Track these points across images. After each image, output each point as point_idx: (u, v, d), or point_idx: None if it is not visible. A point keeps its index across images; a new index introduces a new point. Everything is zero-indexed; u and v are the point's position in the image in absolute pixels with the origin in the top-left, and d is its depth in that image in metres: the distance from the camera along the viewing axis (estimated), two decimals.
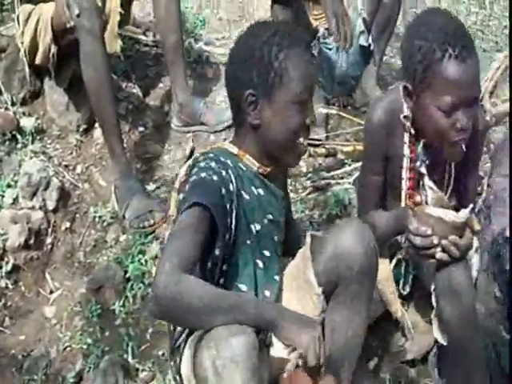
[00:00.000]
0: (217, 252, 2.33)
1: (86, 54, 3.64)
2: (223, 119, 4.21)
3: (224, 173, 2.35)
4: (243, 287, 2.45)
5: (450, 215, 2.55)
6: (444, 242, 2.52)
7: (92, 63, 3.65)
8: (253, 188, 2.49)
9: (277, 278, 2.60)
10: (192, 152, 4.11)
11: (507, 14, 5.47)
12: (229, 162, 2.41)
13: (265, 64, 2.36)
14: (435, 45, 2.55)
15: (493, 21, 5.84)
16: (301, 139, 2.45)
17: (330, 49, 4.33)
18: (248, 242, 2.45)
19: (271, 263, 2.56)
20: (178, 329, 2.44)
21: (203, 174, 2.31)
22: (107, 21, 3.86)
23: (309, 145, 3.96)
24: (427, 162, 2.81)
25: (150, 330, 3.31)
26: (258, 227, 2.50)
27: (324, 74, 4.38)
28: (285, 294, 2.64)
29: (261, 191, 2.51)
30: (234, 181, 2.37)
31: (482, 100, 4.14)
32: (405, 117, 2.76)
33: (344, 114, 4.43)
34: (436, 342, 2.90)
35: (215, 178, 2.30)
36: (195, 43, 4.90)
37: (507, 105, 3.97)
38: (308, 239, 2.62)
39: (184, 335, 2.39)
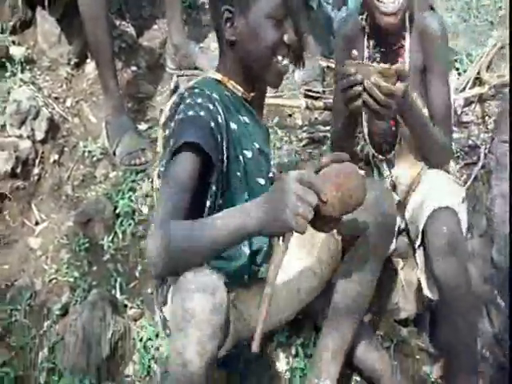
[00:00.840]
0: (213, 188, 2.31)
1: None
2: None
3: (211, 106, 2.31)
4: None
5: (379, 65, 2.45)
6: (366, 82, 2.39)
7: None
8: (239, 116, 2.47)
9: None
10: (176, 88, 4.03)
11: None
12: (215, 94, 2.36)
13: None
14: None
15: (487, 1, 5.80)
16: (279, 57, 2.40)
17: (329, 3, 4.27)
18: (238, 173, 2.42)
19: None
20: None
21: (190, 112, 2.27)
22: None
23: (307, 96, 3.97)
24: (378, 59, 2.78)
25: (139, 268, 3.24)
26: (250, 154, 2.47)
27: (323, 28, 4.31)
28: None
29: (246, 119, 2.50)
30: (221, 113, 2.33)
31: (479, 73, 4.13)
32: (362, 18, 2.75)
33: None
34: (428, 301, 2.88)
35: (202, 113, 2.26)
36: None
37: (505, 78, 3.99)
38: None
39: None
